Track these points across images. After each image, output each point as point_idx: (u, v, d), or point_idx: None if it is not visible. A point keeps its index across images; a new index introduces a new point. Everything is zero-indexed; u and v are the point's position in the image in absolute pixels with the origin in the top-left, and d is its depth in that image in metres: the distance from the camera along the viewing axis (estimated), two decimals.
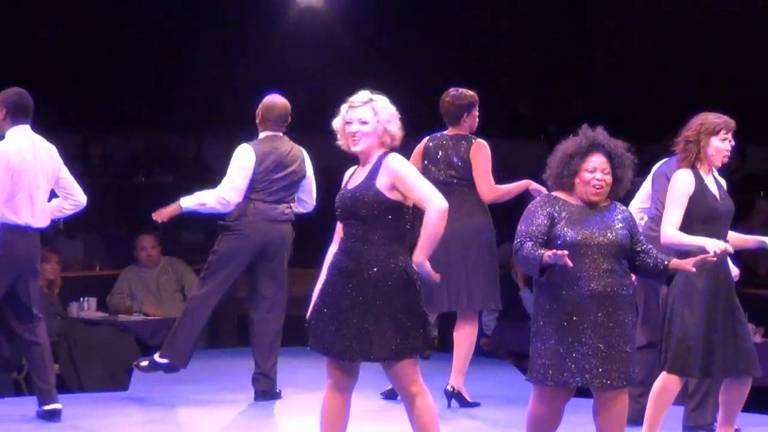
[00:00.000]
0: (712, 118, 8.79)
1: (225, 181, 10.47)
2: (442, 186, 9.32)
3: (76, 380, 12.54)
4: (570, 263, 7.45)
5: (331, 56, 14.47)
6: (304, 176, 10.63)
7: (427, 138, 10.46)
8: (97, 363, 12.40)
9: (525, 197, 9.97)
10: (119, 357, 12.37)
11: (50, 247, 12.71)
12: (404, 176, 7.23)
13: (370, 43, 15.66)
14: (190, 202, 10.42)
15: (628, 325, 7.74)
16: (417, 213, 7.43)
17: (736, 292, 8.90)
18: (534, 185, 9.84)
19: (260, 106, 10.63)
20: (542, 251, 7.51)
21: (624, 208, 7.89)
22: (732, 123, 8.77)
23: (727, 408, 8.79)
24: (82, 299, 13.02)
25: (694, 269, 7.78)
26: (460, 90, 10.45)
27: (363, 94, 7.42)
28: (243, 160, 10.44)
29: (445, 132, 10.42)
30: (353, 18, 14.75)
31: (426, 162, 10.39)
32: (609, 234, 7.74)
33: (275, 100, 10.68)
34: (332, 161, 8.03)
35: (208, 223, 11.08)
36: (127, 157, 18.07)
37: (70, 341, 12.66)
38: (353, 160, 7.42)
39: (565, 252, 7.40)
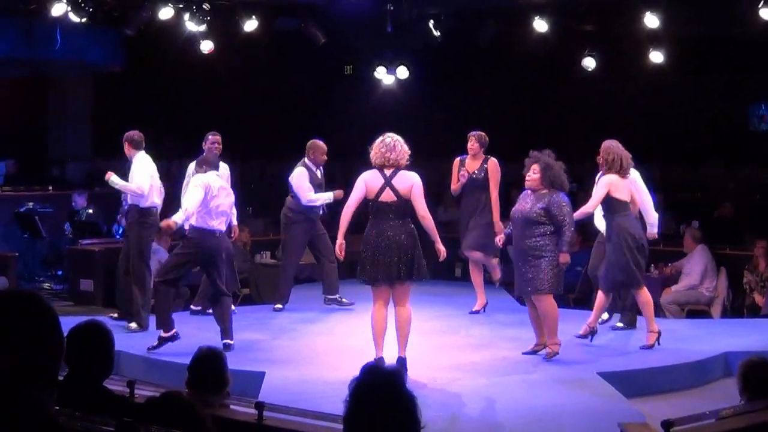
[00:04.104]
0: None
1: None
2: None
3: (258, 297, 12.47)
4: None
5: (399, 113, 14.64)
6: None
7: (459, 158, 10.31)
8: (269, 287, 12.03)
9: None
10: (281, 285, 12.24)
11: (245, 223, 12.76)
12: None
13: (420, 106, 15.75)
14: None
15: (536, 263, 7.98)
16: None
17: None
18: None
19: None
20: None
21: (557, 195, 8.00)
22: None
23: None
24: (261, 252, 13.15)
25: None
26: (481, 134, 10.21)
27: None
28: None
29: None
30: (411, 93, 14.89)
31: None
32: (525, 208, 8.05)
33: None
34: None
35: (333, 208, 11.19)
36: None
37: (254, 276, 12.68)
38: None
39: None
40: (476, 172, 10.12)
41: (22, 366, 2.44)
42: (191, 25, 12.16)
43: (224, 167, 9.80)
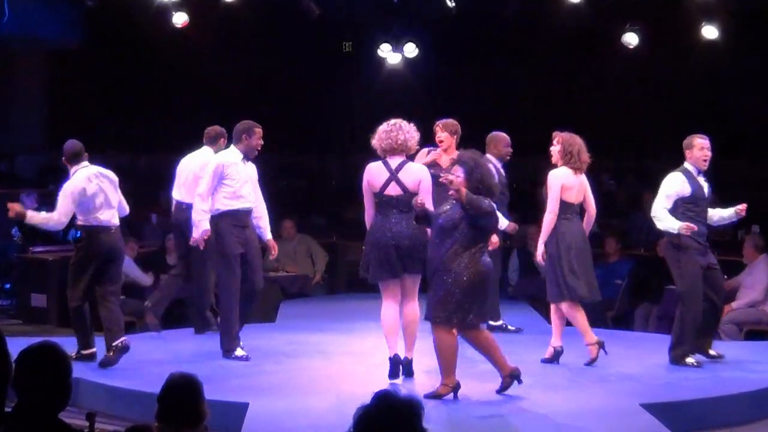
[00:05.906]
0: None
1: None
2: None
3: None
4: None
5: (407, 98, 14.66)
6: None
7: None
8: (256, 304, 12.39)
9: None
10: (270, 300, 12.16)
11: None
12: None
13: (433, 90, 15.79)
14: None
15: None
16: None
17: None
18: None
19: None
20: None
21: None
22: None
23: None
24: None
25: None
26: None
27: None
28: None
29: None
30: (421, 74, 14.92)
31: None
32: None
33: None
34: None
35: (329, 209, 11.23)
36: (273, 168, 18.20)
37: None
38: None
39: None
40: (447, 170, 9.58)
41: None
42: None
43: (251, 165, 9.61)
